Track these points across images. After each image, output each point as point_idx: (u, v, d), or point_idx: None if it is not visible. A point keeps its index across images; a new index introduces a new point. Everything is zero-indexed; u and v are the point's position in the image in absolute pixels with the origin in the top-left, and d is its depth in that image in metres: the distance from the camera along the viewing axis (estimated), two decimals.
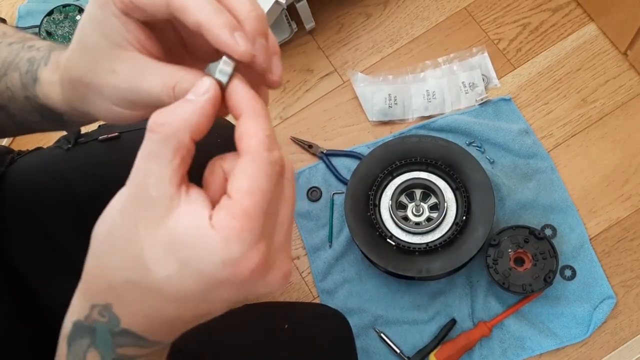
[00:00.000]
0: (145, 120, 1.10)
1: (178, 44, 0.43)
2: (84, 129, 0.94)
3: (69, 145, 0.87)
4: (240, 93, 0.35)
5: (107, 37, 0.38)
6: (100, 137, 0.88)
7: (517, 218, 1.06)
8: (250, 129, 0.34)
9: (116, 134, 0.89)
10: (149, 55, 0.39)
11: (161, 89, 0.37)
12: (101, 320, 0.37)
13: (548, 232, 1.05)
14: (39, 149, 0.90)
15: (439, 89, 1.16)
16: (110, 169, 0.86)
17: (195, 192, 0.33)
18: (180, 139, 0.33)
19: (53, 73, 0.47)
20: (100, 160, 0.87)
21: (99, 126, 0.97)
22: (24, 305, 0.71)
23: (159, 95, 0.37)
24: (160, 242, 0.32)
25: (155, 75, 0.37)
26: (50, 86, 0.47)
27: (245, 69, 0.37)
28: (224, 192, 0.33)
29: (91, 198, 0.83)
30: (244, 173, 0.33)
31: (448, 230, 1.00)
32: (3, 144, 1.26)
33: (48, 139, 0.97)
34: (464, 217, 0.99)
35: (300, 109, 1.20)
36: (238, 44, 0.35)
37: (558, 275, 1.02)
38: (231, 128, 1.10)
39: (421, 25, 1.22)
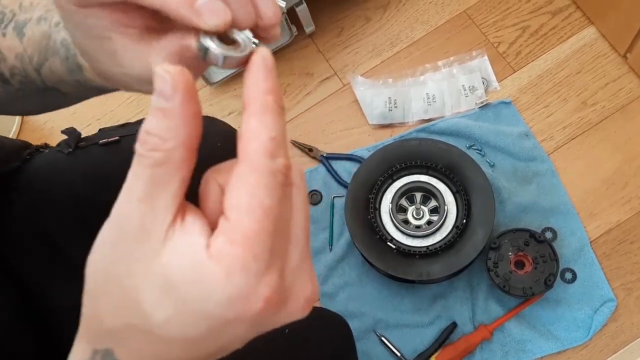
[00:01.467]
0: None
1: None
2: (84, 133, 0.94)
3: (70, 149, 0.87)
4: (247, 78, 0.29)
5: (83, 33, 0.36)
6: (100, 141, 0.89)
7: (518, 221, 1.06)
8: (251, 129, 0.28)
9: (116, 138, 0.89)
10: (131, 32, 0.35)
11: (140, 73, 0.35)
12: None
13: (548, 235, 1.05)
14: (46, 146, 0.90)
15: (439, 92, 1.16)
16: (111, 173, 0.87)
17: (191, 217, 0.28)
18: (175, 160, 0.27)
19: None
20: (100, 164, 0.87)
21: (100, 130, 0.97)
22: (24, 306, 0.72)
23: (142, 76, 0.35)
24: (155, 280, 0.27)
25: (132, 59, 0.35)
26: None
27: None
28: (222, 210, 0.28)
29: (93, 201, 0.83)
30: (240, 187, 0.28)
31: (448, 234, 1.00)
32: (10, 135, 1.26)
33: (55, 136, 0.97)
34: (464, 221, 0.99)
35: (300, 112, 1.20)
36: (204, 20, 0.30)
37: (558, 278, 1.02)
38: (233, 133, 1.10)
39: (421, 28, 1.23)
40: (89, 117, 1.27)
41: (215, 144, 1.00)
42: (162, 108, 0.27)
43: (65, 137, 0.91)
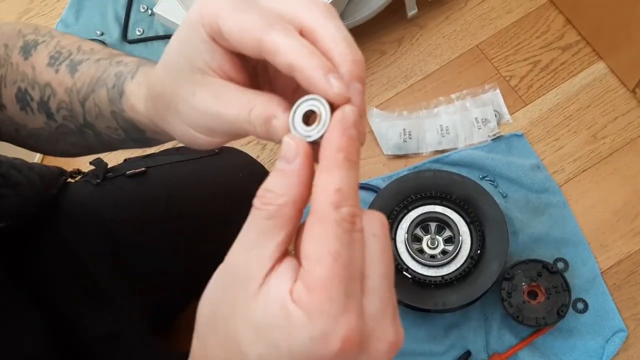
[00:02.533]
0: (171, 154, 1.13)
1: (264, 70, 0.42)
2: (110, 163, 0.97)
3: (98, 180, 0.90)
4: (326, 134, 0.32)
5: (191, 61, 0.38)
6: (127, 172, 0.92)
7: (530, 251, 1.09)
8: (320, 184, 0.31)
9: (143, 169, 0.93)
10: (231, 81, 0.38)
11: (237, 113, 0.36)
12: None
13: (560, 265, 1.07)
14: (79, 172, 0.93)
15: (452, 125, 1.19)
16: (138, 205, 0.90)
17: (286, 264, 0.31)
18: (285, 214, 0.31)
19: (139, 87, 0.47)
20: (128, 195, 0.90)
21: (125, 160, 1.01)
22: (57, 337, 0.74)
23: (235, 119, 0.36)
24: (251, 322, 0.30)
25: (232, 100, 0.37)
26: (136, 99, 0.48)
27: None
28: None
29: (121, 233, 0.86)
30: (310, 237, 0.30)
31: (463, 264, 1.02)
32: (35, 160, 1.29)
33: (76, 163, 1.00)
34: (479, 251, 1.01)
35: None
36: (332, 86, 0.32)
37: (570, 308, 1.04)
38: (254, 164, 1.13)
39: (434, 62, 1.26)
40: None
41: (237, 175, 1.03)
42: (283, 169, 0.32)
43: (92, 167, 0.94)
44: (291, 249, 0.33)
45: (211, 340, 0.33)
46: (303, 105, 0.34)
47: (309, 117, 0.34)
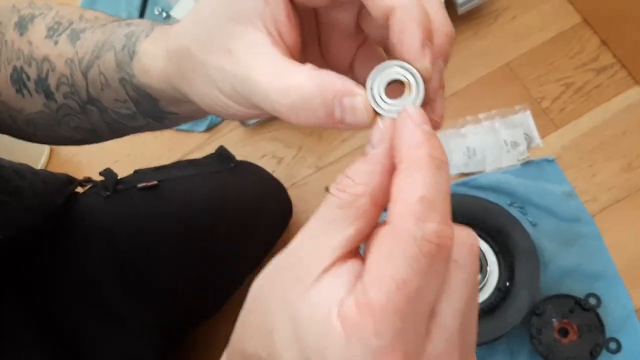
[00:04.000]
0: (184, 167, 1.07)
1: (314, 39, 0.36)
2: (120, 174, 0.91)
3: (108, 193, 0.84)
4: (395, 139, 0.27)
5: (234, 4, 0.31)
6: (139, 185, 0.86)
7: (560, 285, 1.03)
8: (399, 188, 0.26)
9: (155, 182, 0.87)
10: (278, 42, 0.31)
11: (269, 87, 0.30)
12: None
13: (592, 301, 1.01)
14: (89, 180, 0.86)
15: (479, 146, 1.13)
16: (150, 219, 0.84)
17: (348, 265, 0.26)
18: (360, 206, 0.26)
19: (155, 44, 0.40)
20: (139, 210, 0.84)
21: (135, 171, 0.95)
22: (62, 355, 0.68)
23: (268, 94, 0.30)
24: (292, 318, 0.26)
25: (270, 68, 0.30)
26: (151, 58, 0.40)
27: None
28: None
29: (131, 247, 0.80)
30: (379, 247, 0.25)
31: (490, 296, 0.96)
32: (39, 166, 1.23)
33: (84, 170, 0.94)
34: (507, 283, 0.95)
35: (336, 159, 1.17)
36: (424, 57, 0.28)
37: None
38: (270, 181, 1.07)
39: (462, 78, 1.20)
40: (119, 151, 1.23)
41: (251, 193, 0.97)
42: (366, 153, 0.28)
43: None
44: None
45: (250, 321, 0.29)
46: (383, 74, 0.28)
47: (388, 89, 0.29)
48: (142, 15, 1.26)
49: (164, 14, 1.25)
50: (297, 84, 0.29)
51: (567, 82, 1.17)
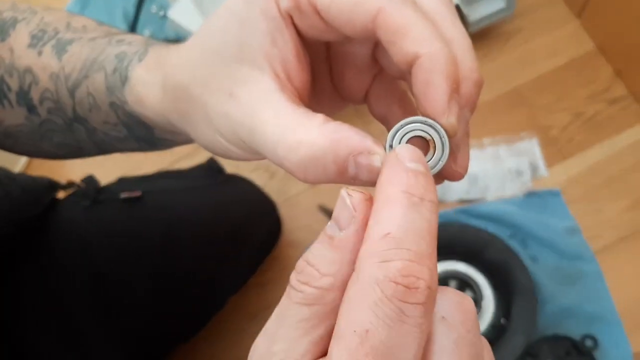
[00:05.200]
0: (170, 178, 1.01)
1: (326, 70, 0.32)
2: (105, 178, 0.86)
3: (88, 203, 0.79)
4: (383, 172, 0.24)
5: (241, 44, 0.27)
6: (122, 196, 0.81)
7: (557, 325, 0.98)
8: (367, 229, 0.22)
9: (139, 194, 0.82)
10: (286, 85, 0.28)
11: (277, 141, 0.26)
12: None
13: (589, 343, 0.96)
14: (72, 184, 0.81)
15: (482, 173, 1.08)
16: (130, 235, 0.79)
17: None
18: (328, 302, 0.22)
19: (150, 72, 0.37)
20: (120, 224, 0.79)
21: (119, 179, 0.90)
22: None
23: (276, 150, 0.26)
24: None
25: (277, 120, 0.26)
26: (145, 88, 0.36)
27: None
28: None
29: (108, 263, 0.75)
30: (342, 305, 0.22)
31: (484, 333, 0.91)
32: (20, 165, 1.18)
33: (66, 172, 0.88)
34: (502, 321, 0.91)
35: None
36: (451, 112, 0.25)
37: None
38: (260, 199, 1.01)
39: None
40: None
41: (240, 211, 0.92)
42: (332, 237, 0.23)
43: None
44: None
45: None
46: (403, 130, 0.26)
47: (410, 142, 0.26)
48: (138, 12, 1.21)
49: (161, 13, 1.20)
50: (308, 138, 0.25)
51: (577, 111, 1.13)
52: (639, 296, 1.00)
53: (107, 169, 1.11)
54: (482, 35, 1.18)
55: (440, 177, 0.28)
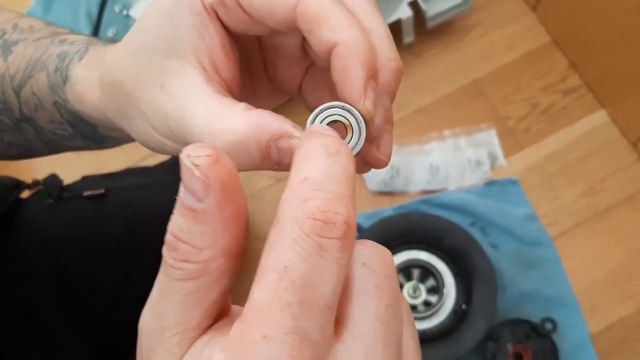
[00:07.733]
0: (134, 175, 1.01)
1: (260, 63, 0.33)
2: (71, 178, 0.87)
3: (51, 201, 0.80)
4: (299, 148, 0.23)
5: (169, 39, 0.29)
6: (85, 194, 0.82)
7: (518, 309, 1.01)
8: (289, 178, 0.22)
9: (102, 191, 0.83)
10: (213, 77, 0.29)
11: (202, 130, 0.27)
12: None
13: (548, 326, 1.00)
14: (38, 183, 0.82)
15: (443, 164, 1.11)
16: (95, 232, 0.80)
17: (221, 325, 0.23)
18: (215, 269, 0.22)
19: (89, 70, 0.37)
20: (84, 221, 0.80)
21: (83, 177, 0.90)
22: None
23: (202, 137, 0.27)
24: None
25: (203, 110, 0.27)
26: (85, 86, 0.37)
27: None
28: None
29: (73, 261, 0.76)
30: (264, 249, 0.21)
31: (446, 319, 0.94)
32: None
33: (31, 171, 0.88)
34: (464, 306, 0.93)
35: None
36: (367, 97, 0.26)
37: None
38: None
39: (428, 95, 1.18)
40: (70, 152, 1.18)
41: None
42: (193, 208, 0.21)
43: None
44: None
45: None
46: (322, 115, 0.27)
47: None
48: (101, 11, 1.21)
49: (125, 12, 1.21)
50: (231, 125, 0.27)
51: (534, 102, 1.16)
52: (595, 279, 1.04)
53: (74, 168, 1.12)
54: (440, 30, 1.20)
55: (365, 164, 0.29)
